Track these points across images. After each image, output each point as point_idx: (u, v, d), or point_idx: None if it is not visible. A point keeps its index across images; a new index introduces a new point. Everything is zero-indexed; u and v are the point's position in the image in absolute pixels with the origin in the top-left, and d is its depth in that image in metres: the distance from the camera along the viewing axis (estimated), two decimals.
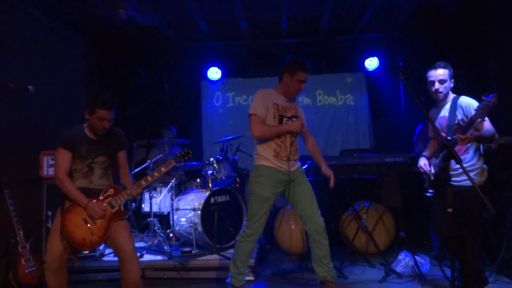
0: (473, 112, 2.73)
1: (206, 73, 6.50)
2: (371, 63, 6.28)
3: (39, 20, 4.39)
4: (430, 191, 3.10)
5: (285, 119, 3.30)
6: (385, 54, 6.23)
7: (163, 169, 2.96)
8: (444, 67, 3.03)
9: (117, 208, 2.85)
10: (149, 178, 2.95)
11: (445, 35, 5.56)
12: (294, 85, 3.28)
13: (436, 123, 3.06)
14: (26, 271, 3.48)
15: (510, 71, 4.41)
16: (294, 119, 3.32)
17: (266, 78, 6.68)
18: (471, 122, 2.71)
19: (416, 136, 5.03)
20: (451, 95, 3.09)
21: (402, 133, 6.06)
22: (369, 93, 6.63)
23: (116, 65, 6.10)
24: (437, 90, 3.02)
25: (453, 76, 3.06)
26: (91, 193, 2.84)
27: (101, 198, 2.85)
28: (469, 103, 2.93)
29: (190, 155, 3.12)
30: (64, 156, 2.82)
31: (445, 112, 3.05)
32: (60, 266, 2.83)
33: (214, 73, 6.48)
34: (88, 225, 2.78)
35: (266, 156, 3.26)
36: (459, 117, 2.94)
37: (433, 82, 3.04)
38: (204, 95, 6.80)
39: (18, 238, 3.50)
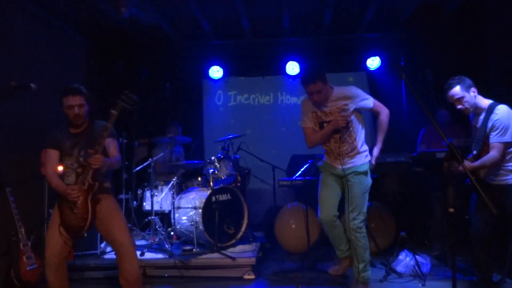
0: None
1: (207, 72, 6.50)
2: (373, 62, 6.27)
3: (41, 18, 4.39)
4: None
5: (325, 124, 3.39)
6: (387, 53, 6.22)
7: (108, 124, 2.83)
8: (454, 85, 2.99)
9: (87, 183, 2.82)
10: (100, 140, 2.82)
11: (447, 34, 5.55)
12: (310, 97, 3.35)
13: (475, 132, 3.08)
14: (28, 268, 3.50)
15: None
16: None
17: (268, 77, 6.69)
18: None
19: (420, 139, 5.02)
20: (485, 102, 3.04)
21: (403, 133, 6.06)
22: (370, 92, 6.59)
23: (117, 63, 6.10)
24: (460, 109, 3.01)
25: (472, 84, 3.01)
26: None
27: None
28: (495, 118, 2.91)
29: (131, 96, 2.86)
30: (50, 155, 2.96)
31: (479, 122, 3.04)
32: (60, 262, 2.87)
33: (215, 71, 6.48)
34: (73, 210, 2.82)
35: (325, 156, 3.60)
36: (487, 129, 2.94)
37: (454, 103, 3.03)
38: (205, 93, 6.80)
39: (20, 236, 3.52)
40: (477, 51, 5.04)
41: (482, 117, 3.03)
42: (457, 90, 2.98)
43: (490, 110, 2.96)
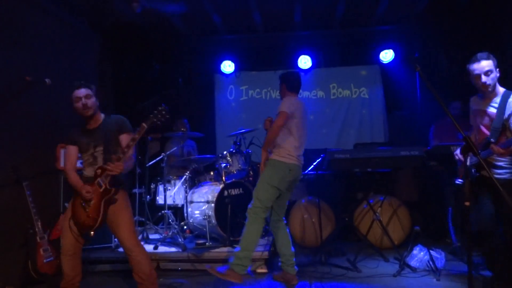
0: None
1: (219, 67, 6.50)
2: (386, 55, 6.20)
3: (54, 14, 4.43)
4: (460, 180, 3.07)
5: None
6: (401, 46, 6.13)
7: (137, 136, 2.84)
8: (487, 58, 2.87)
9: (104, 187, 2.85)
10: (125, 149, 2.85)
11: (461, 25, 5.44)
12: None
13: (480, 117, 2.99)
14: (45, 261, 3.56)
15: None
16: None
17: (280, 71, 6.59)
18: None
19: (432, 135, 4.96)
20: (500, 88, 2.95)
21: (417, 126, 5.98)
22: (384, 86, 6.55)
23: (130, 59, 6.14)
24: (484, 83, 2.86)
25: (497, 65, 2.93)
26: (93, 181, 2.90)
27: (91, 183, 2.89)
28: None
29: (164, 113, 2.87)
30: (69, 151, 3.03)
31: (492, 107, 2.93)
32: (75, 252, 2.92)
33: (227, 66, 6.48)
34: (85, 208, 2.86)
35: None
36: (505, 116, 2.83)
37: (479, 76, 2.87)
38: (217, 88, 6.81)
39: (37, 229, 3.58)
40: (494, 41, 4.93)
41: (495, 103, 2.92)
42: (489, 62, 2.87)
43: (506, 96, 2.88)
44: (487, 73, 2.87)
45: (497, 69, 2.92)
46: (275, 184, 3.40)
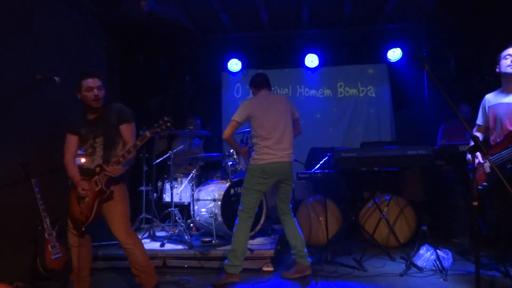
0: None
1: (226, 65, 6.51)
2: (394, 54, 6.17)
3: (63, 13, 4.47)
4: (484, 183, 2.97)
5: None
6: (409, 45, 6.10)
7: (138, 143, 2.83)
8: None
9: (100, 186, 2.85)
10: (125, 154, 2.81)
11: (471, 24, 5.39)
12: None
13: (504, 110, 2.93)
14: (53, 257, 3.60)
15: None
16: None
17: (287, 69, 6.65)
18: None
19: (441, 134, 4.93)
20: None
21: (425, 125, 5.95)
22: (391, 85, 6.52)
23: (137, 57, 6.17)
24: None
25: None
26: (91, 173, 2.91)
27: (88, 178, 2.91)
28: None
29: (169, 124, 2.86)
30: (69, 140, 3.03)
31: (504, 98, 2.91)
32: (81, 244, 2.96)
33: (234, 64, 6.49)
34: (80, 204, 2.88)
35: None
36: None
37: (510, 56, 2.87)
38: (224, 86, 6.81)
39: (45, 225, 3.62)
40: (502, 41, 4.88)
41: None
42: None
43: None
44: None
45: None
46: (253, 187, 3.51)
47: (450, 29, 5.68)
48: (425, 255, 3.80)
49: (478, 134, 3.19)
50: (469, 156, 3.09)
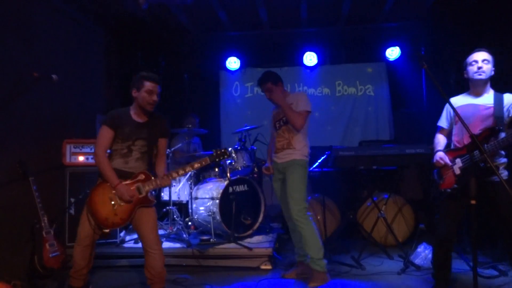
0: None
1: (224, 63, 6.51)
2: (393, 52, 6.18)
3: (61, 10, 4.45)
4: (455, 186, 2.90)
5: (277, 123, 3.68)
6: (407, 43, 6.10)
7: (196, 165, 2.93)
8: (487, 51, 2.89)
9: (144, 194, 2.86)
10: (180, 171, 2.94)
11: (469, 23, 5.39)
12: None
13: (472, 110, 2.91)
14: (51, 255, 3.59)
15: None
16: (283, 118, 3.60)
17: (285, 68, 6.64)
18: None
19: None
20: (490, 89, 2.94)
21: (423, 124, 5.95)
22: (390, 83, 6.52)
23: (136, 55, 6.16)
24: (480, 68, 2.84)
25: (494, 65, 2.92)
26: (124, 175, 2.86)
27: (130, 181, 2.84)
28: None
29: (226, 156, 3.03)
30: (106, 134, 2.86)
31: (485, 101, 2.89)
32: (89, 244, 2.89)
33: (232, 63, 6.48)
34: (114, 205, 2.80)
35: None
36: (509, 114, 2.82)
37: (476, 62, 2.87)
38: (222, 85, 6.81)
39: (43, 224, 3.61)
40: (500, 40, 4.88)
41: (488, 96, 2.91)
42: (489, 56, 2.88)
43: (499, 95, 2.88)
44: (484, 61, 2.86)
45: (493, 69, 2.91)
46: (306, 181, 3.60)
47: (449, 27, 5.67)
48: (423, 254, 3.82)
49: (442, 137, 3.18)
50: (438, 158, 3.01)
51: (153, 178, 2.91)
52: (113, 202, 2.81)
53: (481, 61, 2.87)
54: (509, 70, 4.66)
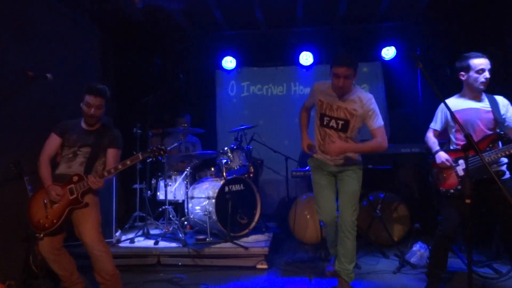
0: None
1: (220, 62, 6.50)
2: (388, 52, 6.19)
3: (56, 9, 4.42)
4: (458, 187, 2.92)
5: (325, 118, 3.16)
6: (403, 43, 6.12)
7: (128, 162, 2.92)
8: (487, 58, 2.91)
9: (75, 195, 2.87)
10: (112, 170, 2.91)
11: (465, 23, 5.42)
12: (333, 80, 3.01)
13: (474, 114, 2.94)
14: None
15: None
16: (339, 121, 3.12)
17: (281, 67, 6.65)
18: None
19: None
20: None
21: (418, 123, 5.96)
22: (385, 83, 6.54)
23: (131, 54, 6.13)
24: (487, 79, 2.87)
25: None
26: (66, 178, 2.93)
27: (63, 183, 2.90)
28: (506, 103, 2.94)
29: (162, 153, 3.00)
30: (52, 141, 3.04)
31: (482, 104, 2.94)
32: (58, 251, 2.92)
33: (228, 62, 6.47)
34: (47, 208, 2.85)
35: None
36: (508, 114, 2.90)
37: (483, 71, 2.87)
38: (218, 84, 6.80)
39: None
40: (496, 40, 4.91)
41: (483, 99, 2.95)
42: (489, 63, 2.90)
43: (492, 98, 2.94)
44: (488, 70, 2.90)
45: None
46: None
47: (444, 27, 5.70)
48: (419, 252, 3.83)
49: (434, 139, 3.21)
50: (444, 160, 3.02)
51: (85, 179, 2.91)
52: (46, 206, 2.87)
53: (488, 71, 2.88)
54: (503, 71, 4.71)
